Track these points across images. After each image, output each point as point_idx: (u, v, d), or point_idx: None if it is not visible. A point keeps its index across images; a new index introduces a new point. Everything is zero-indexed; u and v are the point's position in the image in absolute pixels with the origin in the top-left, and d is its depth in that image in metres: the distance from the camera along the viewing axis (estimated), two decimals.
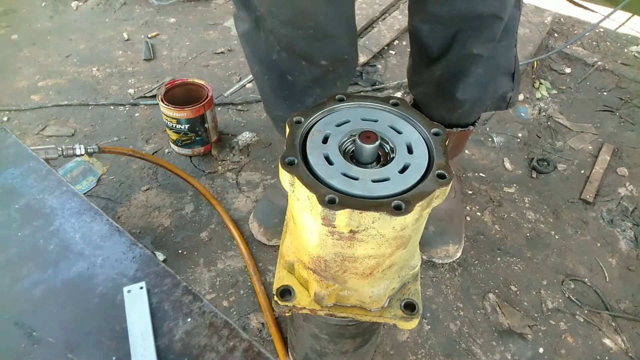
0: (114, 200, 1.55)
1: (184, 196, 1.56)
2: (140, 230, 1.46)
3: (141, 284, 0.70)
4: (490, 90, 1.18)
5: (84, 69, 2.11)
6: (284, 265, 0.77)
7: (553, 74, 2.18)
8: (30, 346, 0.63)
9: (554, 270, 1.41)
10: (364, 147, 0.60)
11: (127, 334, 0.64)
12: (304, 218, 0.62)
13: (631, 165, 1.74)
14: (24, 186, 0.86)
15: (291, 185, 0.58)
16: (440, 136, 0.64)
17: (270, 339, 1.21)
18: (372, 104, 0.69)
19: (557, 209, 1.58)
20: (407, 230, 0.60)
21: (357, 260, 0.64)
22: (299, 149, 0.61)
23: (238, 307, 1.29)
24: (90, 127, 1.82)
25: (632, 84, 2.11)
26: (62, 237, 0.78)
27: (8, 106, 1.89)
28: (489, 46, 1.06)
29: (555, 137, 1.86)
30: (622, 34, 2.41)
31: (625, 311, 1.32)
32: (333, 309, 0.73)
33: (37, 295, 0.70)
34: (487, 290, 1.36)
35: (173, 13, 2.49)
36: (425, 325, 1.27)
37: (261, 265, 1.38)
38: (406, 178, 0.58)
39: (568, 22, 2.48)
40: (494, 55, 1.10)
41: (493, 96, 1.22)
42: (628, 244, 1.49)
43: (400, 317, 0.72)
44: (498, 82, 1.19)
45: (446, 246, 1.38)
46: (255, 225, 1.42)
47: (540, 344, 1.25)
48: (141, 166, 1.66)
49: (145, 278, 0.71)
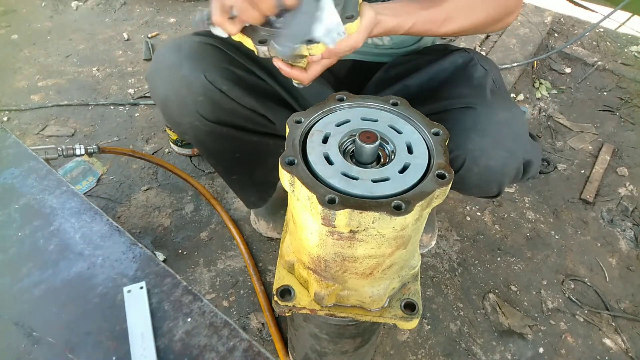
0: (114, 200, 1.55)
1: (184, 196, 1.56)
2: (140, 230, 1.46)
3: (141, 284, 0.70)
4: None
5: (84, 69, 2.11)
6: (284, 265, 0.77)
7: (553, 73, 2.18)
8: (30, 346, 0.63)
9: (554, 270, 1.41)
10: (364, 147, 0.60)
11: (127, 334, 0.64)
12: (304, 218, 0.62)
13: (631, 165, 1.74)
14: (24, 186, 0.86)
15: (291, 185, 0.58)
16: (440, 136, 0.64)
17: (270, 339, 1.21)
18: (372, 104, 0.69)
19: (557, 209, 1.58)
20: (407, 230, 0.60)
21: (357, 260, 0.64)
22: (299, 148, 0.61)
23: (238, 307, 1.29)
24: (90, 127, 1.82)
25: (632, 83, 2.11)
26: (62, 237, 0.78)
27: (8, 106, 1.89)
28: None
29: (556, 137, 1.86)
30: (622, 33, 2.41)
31: (625, 311, 1.32)
32: (333, 309, 0.73)
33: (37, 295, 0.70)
34: (487, 290, 1.36)
35: (173, 13, 2.49)
36: (426, 325, 1.27)
37: (261, 265, 1.38)
38: (406, 178, 0.58)
39: (568, 22, 2.48)
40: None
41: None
42: (628, 243, 1.49)
43: (400, 317, 0.72)
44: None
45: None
46: (263, 223, 1.42)
47: (540, 344, 1.25)
48: (141, 166, 1.66)
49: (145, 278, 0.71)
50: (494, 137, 0.83)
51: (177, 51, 0.91)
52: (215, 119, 0.94)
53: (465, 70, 0.94)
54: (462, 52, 0.99)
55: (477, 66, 0.95)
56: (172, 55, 0.91)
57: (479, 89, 0.89)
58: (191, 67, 0.89)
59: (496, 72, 0.97)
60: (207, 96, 0.90)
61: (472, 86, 0.91)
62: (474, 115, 0.84)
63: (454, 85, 0.92)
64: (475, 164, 0.85)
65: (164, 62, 0.91)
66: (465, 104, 0.85)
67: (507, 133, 0.84)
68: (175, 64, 0.89)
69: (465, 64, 0.96)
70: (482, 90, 0.89)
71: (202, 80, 0.88)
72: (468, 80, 0.92)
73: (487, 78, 0.93)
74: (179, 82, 0.89)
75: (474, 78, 0.92)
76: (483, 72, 0.94)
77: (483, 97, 0.87)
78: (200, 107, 0.91)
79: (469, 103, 0.85)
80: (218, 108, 0.93)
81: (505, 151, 0.84)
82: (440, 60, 0.97)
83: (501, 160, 0.85)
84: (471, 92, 0.89)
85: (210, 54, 0.92)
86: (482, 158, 0.84)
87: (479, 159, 0.84)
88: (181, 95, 0.90)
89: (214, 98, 0.91)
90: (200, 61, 0.89)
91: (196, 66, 0.89)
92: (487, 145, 0.83)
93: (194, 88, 0.89)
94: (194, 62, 0.89)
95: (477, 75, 0.93)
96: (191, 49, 0.91)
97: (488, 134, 0.82)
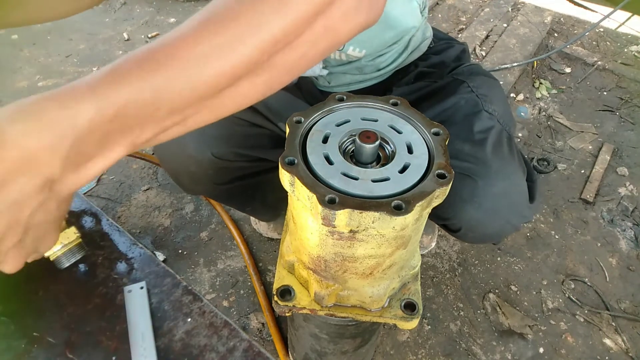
0: (114, 200, 1.55)
1: (184, 196, 1.56)
2: (140, 230, 1.46)
3: (141, 284, 0.70)
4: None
5: (84, 69, 2.11)
6: (284, 265, 0.77)
7: (553, 73, 2.18)
8: (30, 346, 0.63)
9: (554, 270, 1.41)
10: (364, 146, 0.60)
11: (127, 334, 0.64)
12: (304, 218, 0.62)
13: (631, 165, 1.74)
14: None
15: (291, 185, 0.58)
16: (440, 136, 0.64)
17: (270, 339, 1.21)
18: (372, 104, 0.69)
19: (557, 209, 1.58)
20: (407, 230, 0.60)
21: (357, 260, 0.64)
22: (299, 148, 0.61)
23: (238, 307, 1.29)
24: None
25: (632, 83, 2.11)
26: None
27: None
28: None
29: (555, 136, 1.86)
30: (622, 33, 2.41)
31: (626, 311, 1.32)
32: (333, 309, 0.73)
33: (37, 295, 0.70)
34: (487, 290, 1.36)
35: (173, 13, 2.49)
36: (426, 325, 1.27)
37: (261, 265, 1.38)
38: (406, 178, 0.58)
39: (568, 21, 2.48)
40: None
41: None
42: (628, 243, 1.49)
43: (401, 317, 0.72)
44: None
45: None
46: (263, 223, 1.42)
47: (541, 344, 1.25)
48: (141, 166, 1.66)
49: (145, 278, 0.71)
50: (490, 210, 0.82)
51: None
52: (226, 181, 0.97)
53: (468, 119, 0.87)
54: (465, 91, 0.91)
55: (482, 113, 0.87)
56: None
57: (479, 147, 0.84)
58: (196, 145, 0.88)
59: (503, 110, 0.90)
60: (217, 168, 0.91)
61: (472, 141, 0.84)
62: (472, 186, 0.81)
63: (454, 137, 0.84)
64: (471, 231, 0.86)
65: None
66: (464, 170, 0.82)
67: (505, 205, 0.83)
68: (180, 142, 0.89)
69: (469, 110, 0.89)
70: (482, 150, 0.83)
71: (209, 158, 0.89)
72: (469, 134, 0.86)
73: (491, 130, 0.86)
74: (187, 160, 0.90)
75: (476, 132, 0.85)
76: (487, 120, 0.87)
77: (483, 162, 0.82)
78: (211, 177, 0.94)
79: (468, 170, 0.82)
80: (228, 172, 0.95)
81: (501, 220, 0.84)
82: (442, 101, 0.91)
83: (497, 228, 0.86)
84: (471, 151, 0.83)
85: (211, 124, 0.88)
86: (479, 227, 0.84)
87: (475, 228, 0.85)
88: (190, 170, 0.92)
89: (223, 167, 0.92)
90: (203, 136, 0.88)
91: (201, 143, 0.88)
92: (483, 217, 0.83)
93: (202, 165, 0.90)
94: (197, 140, 0.88)
95: (479, 127, 0.86)
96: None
97: (485, 208, 0.82)
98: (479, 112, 0.87)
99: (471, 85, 0.92)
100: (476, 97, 0.90)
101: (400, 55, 0.98)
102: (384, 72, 0.99)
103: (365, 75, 0.98)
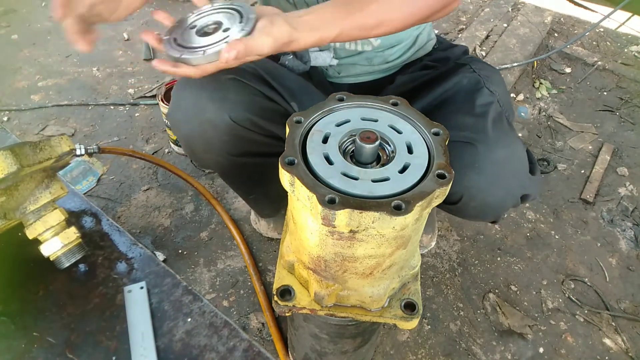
0: (114, 200, 1.55)
1: (184, 196, 1.56)
2: (140, 230, 1.46)
3: (141, 284, 0.70)
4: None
5: (84, 69, 2.11)
6: (284, 265, 0.77)
7: (553, 73, 2.18)
8: (30, 346, 0.63)
9: (554, 270, 1.41)
10: (364, 147, 0.60)
11: (127, 334, 0.64)
12: (304, 218, 0.62)
13: (631, 165, 1.74)
14: None
15: (291, 185, 0.58)
16: (440, 136, 0.64)
17: (270, 339, 1.21)
18: (372, 104, 0.69)
19: (557, 209, 1.58)
20: (407, 230, 0.60)
21: (357, 260, 0.64)
22: (299, 148, 0.61)
23: (238, 307, 1.29)
24: (90, 127, 1.82)
25: (632, 83, 2.11)
26: None
27: (8, 106, 1.89)
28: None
29: (555, 137, 1.86)
30: (622, 33, 2.41)
31: (625, 311, 1.32)
32: (333, 309, 0.73)
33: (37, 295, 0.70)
34: (487, 290, 1.36)
35: (173, 13, 2.48)
36: (426, 325, 1.27)
37: (261, 265, 1.38)
38: (406, 178, 0.58)
39: (568, 22, 2.48)
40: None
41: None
42: (628, 243, 1.49)
43: (400, 317, 0.72)
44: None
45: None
46: (263, 223, 1.42)
47: (540, 344, 1.25)
48: (141, 166, 1.66)
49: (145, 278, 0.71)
50: (491, 175, 0.83)
51: (198, 90, 0.89)
52: (239, 153, 0.96)
53: (469, 95, 0.90)
54: (467, 71, 0.94)
55: (483, 90, 0.91)
56: (193, 96, 0.89)
57: (481, 120, 0.86)
58: (215, 108, 0.88)
59: (503, 92, 0.93)
60: (232, 134, 0.91)
61: (474, 115, 0.87)
62: (472, 152, 0.82)
63: (456, 112, 0.89)
64: (472, 199, 0.86)
65: (186, 103, 0.90)
66: (465, 138, 0.84)
67: (505, 172, 0.84)
68: (198, 105, 0.89)
69: (470, 87, 0.92)
70: (483, 121, 0.86)
71: (227, 121, 0.89)
72: (471, 108, 0.88)
73: (491, 105, 0.88)
74: (204, 124, 0.89)
75: (477, 105, 0.88)
76: (488, 96, 0.90)
77: (483, 131, 0.84)
78: (225, 145, 0.93)
79: (469, 138, 0.83)
80: (242, 142, 0.94)
81: (502, 189, 0.85)
82: (444, 81, 0.94)
83: (498, 197, 0.86)
84: (472, 122, 0.86)
85: (231, 90, 0.90)
86: (479, 195, 0.85)
87: (476, 196, 0.85)
88: (206, 136, 0.91)
89: (238, 135, 0.92)
90: (224, 101, 0.89)
91: (220, 107, 0.88)
92: (484, 183, 0.83)
93: (219, 129, 0.89)
94: (218, 103, 0.88)
95: (481, 102, 0.89)
96: (212, 87, 0.89)
97: (486, 173, 0.82)
98: (481, 89, 0.91)
99: (473, 67, 0.96)
100: (478, 76, 0.93)
101: (408, 50, 1.05)
102: (391, 65, 1.05)
103: (374, 66, 1.04)
